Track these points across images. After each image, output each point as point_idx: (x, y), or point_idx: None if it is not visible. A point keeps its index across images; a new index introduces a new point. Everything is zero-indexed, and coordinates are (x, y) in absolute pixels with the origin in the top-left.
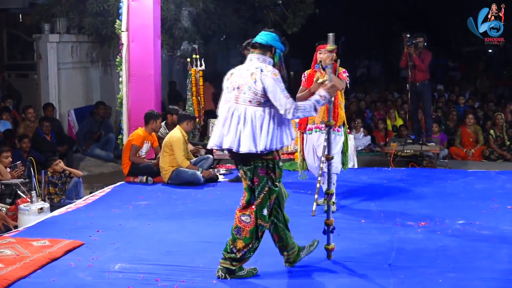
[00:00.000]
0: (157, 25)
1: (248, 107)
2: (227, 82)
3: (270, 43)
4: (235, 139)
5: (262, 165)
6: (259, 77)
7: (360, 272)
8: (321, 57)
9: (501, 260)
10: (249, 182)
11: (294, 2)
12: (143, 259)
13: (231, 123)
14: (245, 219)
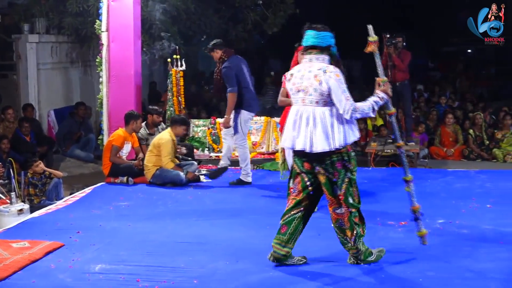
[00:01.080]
0: (137, 25)
1: (316, 108)
2: (289, 83)
3: (328, 43)
4: (307, 141)
5: (338, 159)
6: (324, 79)
7: (341, 272)
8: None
9: (480, 259)
10: (330, 176)
11: (274, 2)
12: (124, 260)
13: (300, 125)
14: (339, 211)
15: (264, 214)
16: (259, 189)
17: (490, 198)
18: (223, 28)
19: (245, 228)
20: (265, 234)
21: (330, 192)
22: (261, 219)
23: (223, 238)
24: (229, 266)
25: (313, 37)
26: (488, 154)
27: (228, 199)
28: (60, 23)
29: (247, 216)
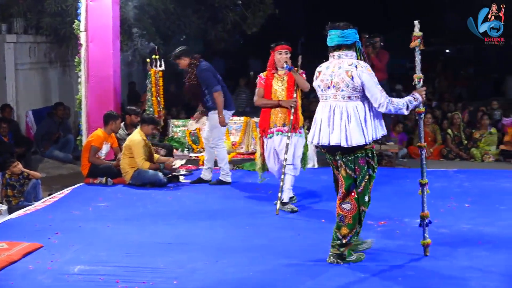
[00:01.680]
0: (116, 25)
1: (348, 103)
2: (317, 81)
3: (354, 40)
4: (342, 135)
5: (362, 155)
6: (356, 74)
7: (320, 272)
8: (284, 58)
9: (459, 258)
10: (350, 172)
11: (253, 2)
12: (103, 260)
13: (334, 120)
14: (346, 207)
15: (243, 214)
16: (238, 189)
17: (468, 197)
18: (202, 28)
19: (225, 228)
20: (245, 234)
21: (346, 187)
22: (241, 219)
23: (202, 238)
24: (209, 266)
25: (338, 37)
26: (466, 153)
27: (207, 200)
28: (38, 23)
29: (226, 216)
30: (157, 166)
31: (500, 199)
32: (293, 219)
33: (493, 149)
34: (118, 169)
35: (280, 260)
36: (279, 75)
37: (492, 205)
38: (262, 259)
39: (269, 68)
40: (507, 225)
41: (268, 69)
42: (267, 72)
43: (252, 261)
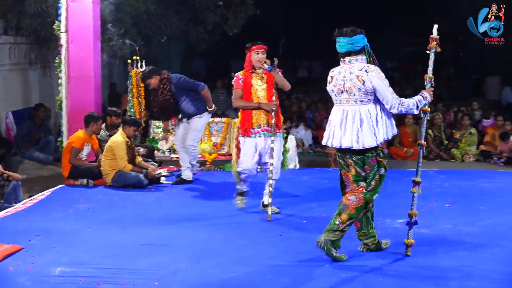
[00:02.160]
0: (97, 26)
1: (361, 107)
2: (330, 85)
3: (363, 45)
4: (354, 138)
5: (372, 155)
6: (367, 78)
7: (301, 272)
8: (262, 58)
9: (440, 258)
10: (360, 170)
11: (234, 3)
12: (84, 262)
13: (346, 124)
14: (352, 198)
15: (225, 215)
16: (220, 190)
17: (449, 197)
18: (183, 29)
19: (207, 229)
20: (227, 235)
21: (355, 183)
22: (223, 220)
23: (184, 239)
24: (191, 268)
25: (347, 44)
26: (446, 154)
27: (189, 201)
28: (18, 23)
29: (209, 217)
30: (139, 170)
31: (480, 199)
32: (275, 220)
33: (473, 149)
34: (99, 171)
35: (263, 261)
36: (258, 74)
37: (472, 205)
38: (244, 260)
39: (246, 68)
40: (487, 225)
41: (246, 69)
42: (244, 72)
43: (234, 262)
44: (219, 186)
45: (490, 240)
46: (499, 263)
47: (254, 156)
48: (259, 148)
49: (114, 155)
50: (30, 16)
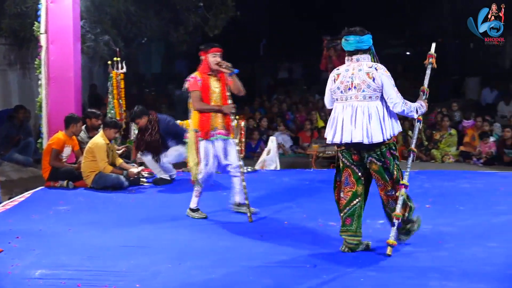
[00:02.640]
0: (77, 27)
1: (370, 103)
2: (335, 83)
3: (370, 45)
4: (364, 133)
5: (386, 148)
6: (377, 75)
7: (283, 273)
8: (219, 60)
9: (420, 258)
10: (381, 164)
11: (215, 4)
12: (65, 264)
13: (356, 119)
14: (391, 193)
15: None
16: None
17: (429, 198)
18: (164, 30)
19: (188, 231)
20: (207, 236)
21: (383, 178)
22: (204, 221)
23: (165, 241)
24: (172, 269)
25: (357, 42)
26: (426, 155)
27: (170, 202)
28: None
29: (189, 218)
30: (120, 172)
31: (460, 200)
32: (256, 221)
33: (453, 150)
34: (79, 172)
35: (243, 262)
36: (214, 77)
37: (452, 206)
38: (225, 261)
39: (204, 71)
40: (466, 225)
41: (204, 71)
42: (201, 74)
43: (215, 264)
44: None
45: (470, 240)
46: (478, 263)
47: (213, 159)
48: (218, 151)
49: (94, 156)
50: (9, 17)
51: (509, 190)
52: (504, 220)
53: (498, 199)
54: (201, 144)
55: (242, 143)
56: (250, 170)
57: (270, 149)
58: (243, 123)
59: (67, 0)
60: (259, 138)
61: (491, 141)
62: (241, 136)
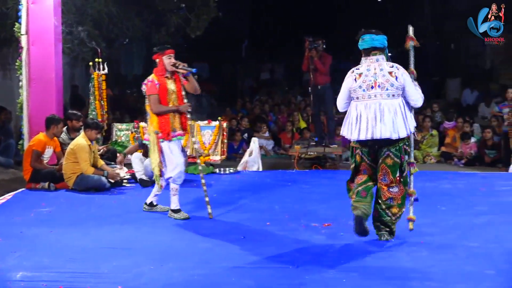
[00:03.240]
0: (58, 27)
1: (393, 100)
2: (357, 82)
3: (385, 45)
4: (392, 129)
5: (404, 143)
6: (400, 74)
7: (265, 274)
8: (174, 61)
9: (401, 259)
10: (397, 160)
11: (197, 6)
12: (46, 266)
13: (384, 116)
14: (394, 190)
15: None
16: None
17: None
18: (146, 31)
19: (170, 232)
20: (189, 238)
21: (393, 173)
22: (185, 223)
23: (147, 242)
24: (154, 271)
25: (372, 40)
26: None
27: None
28: None
29: (171, 220)
30: (101, 173)
31: (441, 200)
32: (238, 222)
33: (435, 150)
34: (61, 174)
35: (226, 263)
36: (170, 78)
37: (433, 206)
38: (207, 262)
39: (161, 73)
40: (448, 225)
41: (160, 73)
42: (158, 76)
43: (197, 265)
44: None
45: (451, 240)
46: (459, 263)
47: (181, 156)
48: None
49: (76, 158)
50: None
51: (490, 191)
52: (485, 221)
53: (479, 200)
54: (163, 145)
55: (225, 144)
56: (232, 171)
57: (252, 150)
58: (225, 124)
59: (48, 1)
60: (241, 139)
61: (472, 142)
62: (223, 137)
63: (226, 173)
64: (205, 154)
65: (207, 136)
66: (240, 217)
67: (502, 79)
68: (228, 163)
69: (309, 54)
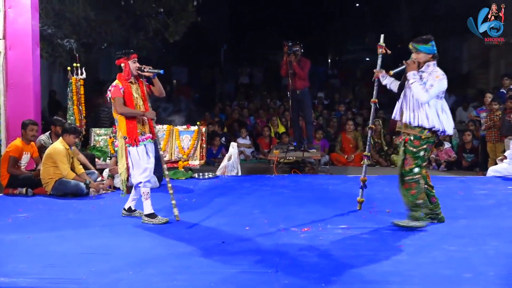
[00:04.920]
0: (36, 32)
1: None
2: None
3: None
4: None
5: None
6: None
7: (245, 279)
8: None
9: (381, 263)
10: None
11: (175, 10)
12: (24, 272)
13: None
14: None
15: (167, 223)
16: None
17: (389, 202)
18: (124, 35)
19: (148, 237)
20: (168, 243)
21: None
22: (164, 228)
23: (126, 247)
24: (133, 276)
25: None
26: (386, 160)
27: None
28: None
29: (149, 225)
30: (82, 180)
31: None
32: (217, 227)
33: None
34: (39, 179)
35: (205, 269)
36: (135, 84)
37: None
38: (186, 268)
39: (127, 77)
40: (426, 229)
41: (126, 78)
42: (123, 81)
43: (176, 270)
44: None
45: (430, 244)
46: (438, 267)
47: (149, 162)
48: (151, 154)
49: (53, 163)
50: None
51: (468, 195)
52: (463, 224)
53: (457, 204)
54: (130, 150)
55: (203, 149)
56: (212, 176)
57: (231, 155)
58: (204, 128)
59: (25, 6)
60: (220, 144)
61: (447, 148)
62: (202, 141)
63: (205, 178)
64: (184, 159)
65: (186, 141)
66: (220, 221)
67: (479, 83)
68: (207, 168)
69: (288, 59)
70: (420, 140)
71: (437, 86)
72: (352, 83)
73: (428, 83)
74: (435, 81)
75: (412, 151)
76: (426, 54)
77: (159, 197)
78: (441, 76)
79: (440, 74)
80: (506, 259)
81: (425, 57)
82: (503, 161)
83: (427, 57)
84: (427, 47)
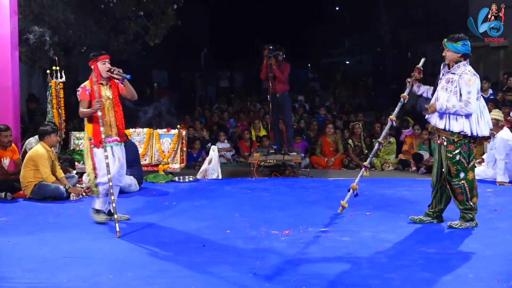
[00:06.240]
0: (15, 35)
1: None
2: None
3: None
4: None
5: None
6: None
7: (226, 282)
8: (109, 67)
9: (361, 265)
10: None
11: (156, 14)
12: (4, 277)
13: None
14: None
15: (147, 226)
16: (142, 201)
17: (369, 205)
18: (104, 39)
19: (127, 241)
20: (149, 246)
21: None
22: (145, 232)
23: (106, 251)
24: (113, 280)
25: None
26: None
27: None
28: None
29: (130, 228)
30: (62, 184)
31: (399, 207)
32: (198, 230)
33: (393, 158)
34: (18, 184)
35: (186, 272)
36: (106, 85)
37: (392, 213)
38: (167, 271)
39: (97, 79)
40: (406, 231)
41: (96, 79)
42: (90, 84)
43: (156, 274)
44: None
45: (410, 246)
46: (418, 269)
47: (114, 164)
48: (117, 156)
49: (35, 166)
50: None
51: None
52: (443, 227)
53: None
54: (95, 152)
55: (184, 152)
56: (192, 179)
57: (212, 158)
58: (184, 132)
59: (4, 8)
60: (200, 148)
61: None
62: (182, 145)
63: (186, 181)
64: (164, 162)
65: (166, 144)
66: (200, 225)
67: None
68: (188, 171)
69: (268, 62)
70: (453, 144)
71: (474, 91)
72: (332, 86)
73: (464, 92)
74: (469, 85)
75: (449, 157)
76: (453, 52)
77: (138, 200)
78: (472, 78)
79: (471, 76)
80: (485, 261)
81: (453, 55)
82: (481, 164)
83: (455, 56)
84: (455, 45)
